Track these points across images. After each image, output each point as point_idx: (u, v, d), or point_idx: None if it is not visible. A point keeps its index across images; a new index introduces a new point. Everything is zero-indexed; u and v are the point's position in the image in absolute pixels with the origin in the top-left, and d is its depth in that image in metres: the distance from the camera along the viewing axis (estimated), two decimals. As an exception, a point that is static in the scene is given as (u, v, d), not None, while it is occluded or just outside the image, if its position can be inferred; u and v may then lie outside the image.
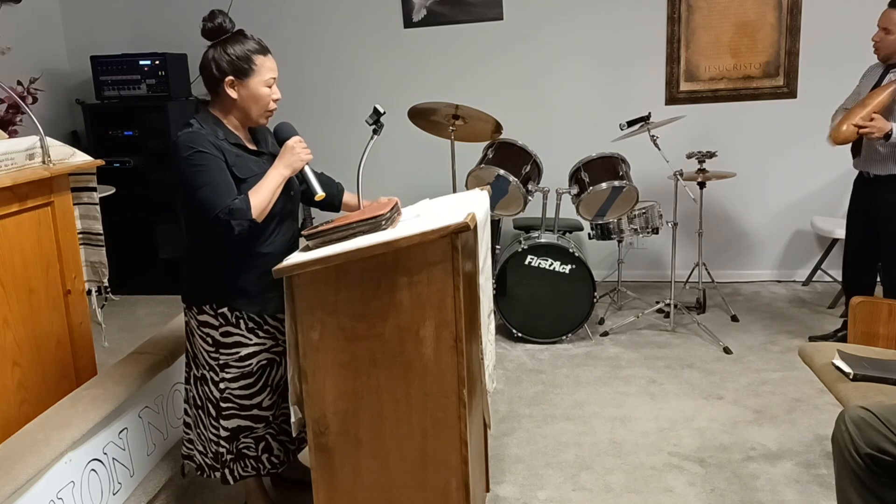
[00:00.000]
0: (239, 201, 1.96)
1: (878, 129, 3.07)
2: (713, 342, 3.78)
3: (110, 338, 3.98)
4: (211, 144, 2.01)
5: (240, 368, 2.16)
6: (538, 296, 3.82)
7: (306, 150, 2.11)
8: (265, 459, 2.27)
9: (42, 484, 2.00)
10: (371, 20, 4.89)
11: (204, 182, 1.97)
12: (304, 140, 2.13)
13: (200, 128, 2.05)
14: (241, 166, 2.06)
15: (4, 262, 2.22)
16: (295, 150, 2.08)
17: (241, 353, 2.15)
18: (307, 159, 2.11)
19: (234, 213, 1.94)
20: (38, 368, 2.35)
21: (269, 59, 2.10)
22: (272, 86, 2.11)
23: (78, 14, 5.25)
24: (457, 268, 1.77)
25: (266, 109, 2.12)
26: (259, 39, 2.11)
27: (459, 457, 1.87)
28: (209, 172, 1.97)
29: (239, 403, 2.18)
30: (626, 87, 4.69)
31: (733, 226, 4.79)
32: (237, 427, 2.20)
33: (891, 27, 3.18)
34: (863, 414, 1.82)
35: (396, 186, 4.99)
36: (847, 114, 3.23)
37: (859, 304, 2.60)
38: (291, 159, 2.08)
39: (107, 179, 4.49)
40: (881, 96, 3.13)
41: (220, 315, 2.13)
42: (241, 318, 2.13)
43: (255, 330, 2.15)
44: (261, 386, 2.19)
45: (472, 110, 3.78)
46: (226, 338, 2.14)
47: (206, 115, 2.11)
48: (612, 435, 2.89)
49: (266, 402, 2.21)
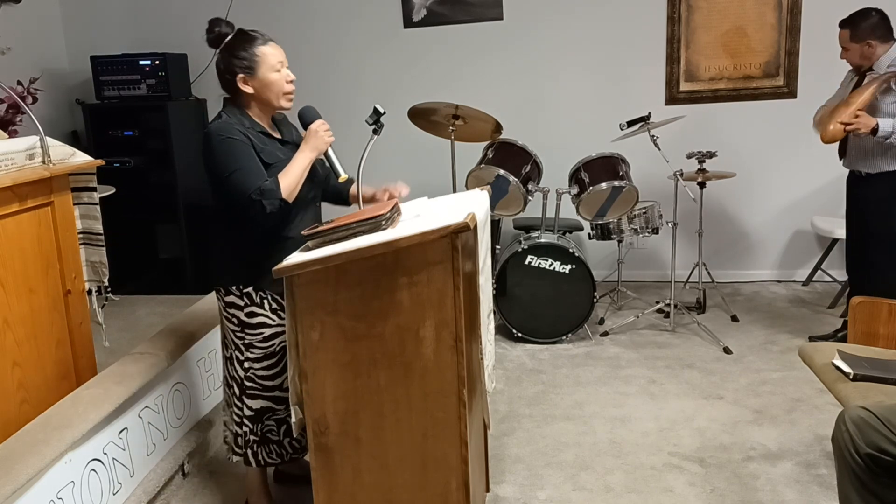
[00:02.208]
0: (269, 182, 2.06)
1: (864, 125, 3.14)
2: (713, 342, 3.78)
3: (110, 338, 3.97)
4: (239, 132, 2.12)
5: (263, 349, 2.25)
6: (538, 296, 3.82)
7: (329, 132, 2.20)
8: (287, 444, 2.35)
9: (42, 484, 2.00)
10: (371, 20, 4.89)
11: (235, 167, 2.07)
12: (326, 123, 2.21)
13: (228, 118, 2.17)
14: (267, 152, 2.16)
15: (4, 262, 2.22)
16: (318, 132, 2.17)
17: (266, 333, 2.24)
18: (330, 141, 2.20)
19: (266, 194, 2.05)
20: (38, 368, 2.35)
21: (269, 45, 2.18)
22: (281, 69, 2.18)
23: (78, 14, 5.24)
24: (457, 268, 1.77)
25: (283, 92, 2.19)
26: (258, 32, 2.19)
27: (459, 457, 1.87)
28: (240, 157, 2.09)
29: (261, 384, 2.27)
30: (626, 87, 4.69)
31: (733, 226, 4.79)
32: (261, 408, 2.29)
33: (845, 45, 3.38)
34: (863, 414, 1.82)
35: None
36: (832, 113, 3.29)
37: (859, 304, 2.60)
38: (316, 142, 2.17)
39: (107, 179, 4.48)
40: (864, 95, 3.21)
41: (246, 295, 2.21)
42: (265, 299, 2.22)
43: (278, 311, 2.24)
44: (283, 367, 2.26)
45: (472, 110, 3.78)
46: (251, 318, 2.22)
47: (232, 108, 2.21)
48: (612, 435, 2.89)
49: (287, 384, 2.25)
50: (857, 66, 3.40)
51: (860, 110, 3.17)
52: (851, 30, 3.32)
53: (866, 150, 3.33)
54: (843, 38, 3.38)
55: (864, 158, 3.35)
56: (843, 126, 3.19)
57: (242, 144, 2.10)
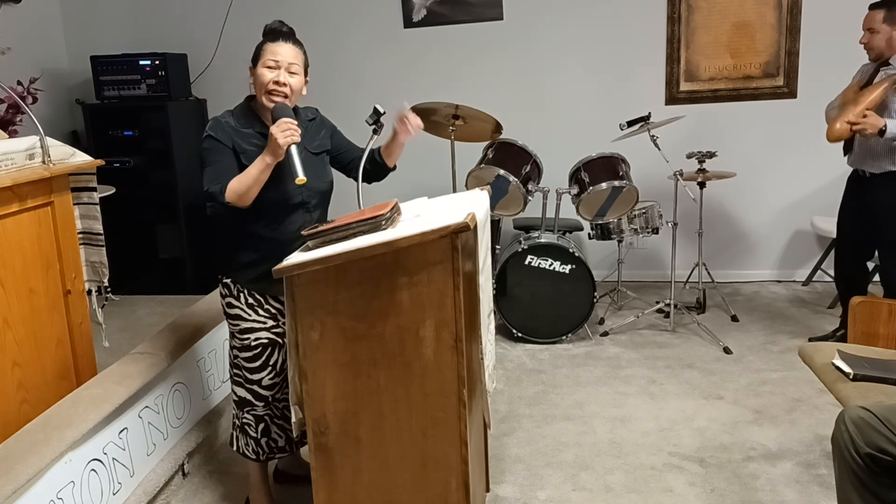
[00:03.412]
0: (217, 186, 2.10)
1: (871, 126, 3.07)
2: (713, 342, 3.78)
3: (110, 338, 3.97)
4: (223, 133, 2.16)
5: (241, 340, 2.28)
6: (538, 296, 3.82)
7: (285, 132, 2.03)
8: (264, 444, 2.35)
9: (42, 484, 2.00)
10: (371, 20, 4.89)
11: (205, 164, 2.16)
12: (292, 122, 2.07)
13: (223, 116, 2.22)
14: (250, 154, 2.15)
15: (4, 262, 2.22)
16: (273, 135, 2.03)
17: (241, 325, 2.27)
18: (287, 142, 2.04)
19: (210, 196, 2.11)
20: (38, 368, 2.35)
21: (275, 44, 2.18)
22: (272, 67, 2.16)
23: (78, 14, 5.24)
24: (457, 268, 1.77)
25: (264, 90, 2.17)
26: (275, 27, 2.22)
27: (459, 457, 1.87)
28: (211, 155, 2.15)
29: (243, 375, 2.31)
30: (626, 87, 4.69)
31: (733, 226, 4.79)
32: (242, 398, 2.33)
33: (875, 26, 3.21)
34: (863, 414, 1.82)
35: (396, 186, 4.97)
36: (840, 111, 3.22)
37: (859, 304, 2.60)
38: (271, 145, 2.04)
39: (107, 179, 4.48)
40: (874, 94, 3.14)
41: (225, 285, 2.28)
42: (241, 292, 2.26)
43: (254, 307, 2.25)
44: (261, 364, 2.28)
45: (472, 110, 3.78)
46: (230, 308, 2.28)
47: (244, 103, 2.26)
48: (612, 435, 2.89)
49: (266, 382, 2.30)
50: (878, 56, 3.25)
51: (869, 109, 3.10)
52: (887, 10, 3.16)
53: (874, 150, 3.25)
54: (875, 19, 3.19)
55: (871, 158, 3.27)
56: (849, 125, 3.12)
57: (218, 144, 2.15)
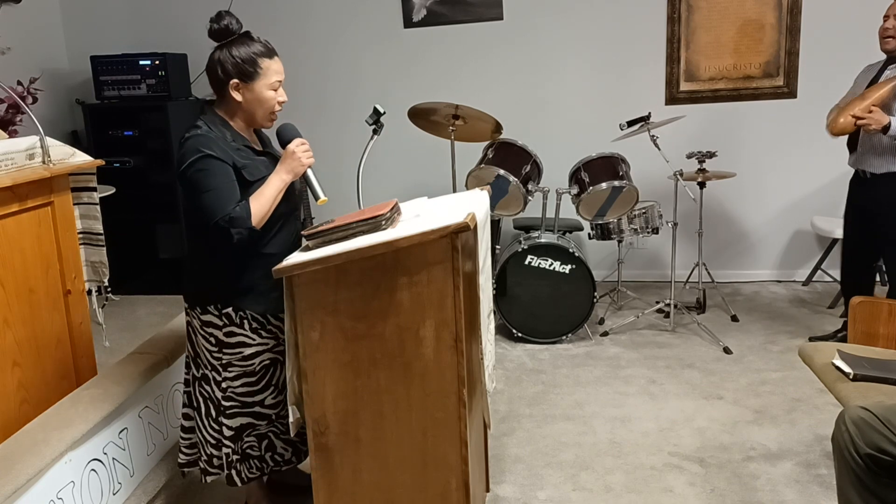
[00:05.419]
0: (239, 209, 1.96)
1: (876, 122, 3.05)
2: (713, 342, 3.78)
3: (110, 338, 3.98)
4: (220, 149, 2.00)
5: (242, 367, 2.15)
6: (538, 296, 3.82)
7: (307, 153, 2.08)
8: (268, 458, 2.26)
9: (42, 484, 2.00)
10: (371, 20, 4.89)
11: (209, 187, 1.97)
12: (307, 142, 2.11)
13: (209, 130, 2.03)
14: (251, 169, 2.06)
15: (4, 262, 2.22)
16: (296, 154, 2.06)
17: (245, 352, 2.14)
18: (308, 164, 2.08)
19: (234, 222, 1.95)
20: (38, 368, 2.35)
21: (275, 61, 2.08)
22: (277, 89, 2.09)
23: (78, 14, 5.25)
24: (457, 268, 1.77)
25: (270, 112, 2.11)
26: (266, 42, 2.09)
27: (459, 457, 1.87)
28: (215, 177, 1.98)
29: (241, 401, 2.18)
30: (626, 87, 4.69)
31: (733, 226, 4.79)
32: (240, 426, 2.19)
33: None
34: (863, 414, 1.82)
35: (396, 186, 5.00)
36: (846, 105, 3.20)
37: (859, 304, 2.60)
38: (293, 164, 2.06)
39: (107, 179, 4.49)
40: (881, 91, 3.12)
41: (225, 315, 2.11)
42: (244, 319, 2.12)
43: (258, 330, 2.15)
44: (263, 385, 2.19)
45: (472, 110, 3.78)
46: (229, 338, 2.13)
47: (213, 116, 2.09)
48: (612, 435, 2.89)
49: (269, 401, 2.21)
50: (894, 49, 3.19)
51: (875, 105, 3.07)
52: None
53: (878, 148, 3.22)
54: None
55: (875, 155, 3.24)
56: (854, 119, 3.08)
57: (220, 164, 1.98)
